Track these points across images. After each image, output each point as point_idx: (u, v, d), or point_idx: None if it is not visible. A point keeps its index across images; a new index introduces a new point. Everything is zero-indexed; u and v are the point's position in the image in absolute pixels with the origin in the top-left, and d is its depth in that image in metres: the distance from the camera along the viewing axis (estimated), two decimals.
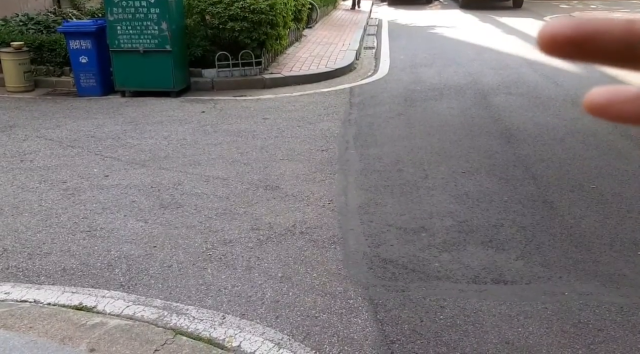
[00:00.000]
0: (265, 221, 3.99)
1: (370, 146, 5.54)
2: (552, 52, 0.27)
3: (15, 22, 9.11)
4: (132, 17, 7.27)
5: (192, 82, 8.01)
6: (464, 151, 5.36)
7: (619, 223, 3.88)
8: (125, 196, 4.44)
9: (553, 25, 0.27)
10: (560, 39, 0.27)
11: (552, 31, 0.27)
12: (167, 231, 3.86)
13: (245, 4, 7.75)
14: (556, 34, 0.27)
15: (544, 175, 4.74)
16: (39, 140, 5.84)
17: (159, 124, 6.36)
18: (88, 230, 3.89)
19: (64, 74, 8.21)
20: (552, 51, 0.27)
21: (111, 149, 5.54)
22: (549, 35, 0.27)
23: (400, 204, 4.24)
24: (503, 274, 3.30)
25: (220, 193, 4.47)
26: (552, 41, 0.27)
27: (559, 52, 0.27)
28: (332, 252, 3.57)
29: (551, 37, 0.27)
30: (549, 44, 0.27)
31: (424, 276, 3.30)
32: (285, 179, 4.74)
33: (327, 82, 8.45)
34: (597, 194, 4.35)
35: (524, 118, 6.36)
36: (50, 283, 3.27)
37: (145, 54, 7.39)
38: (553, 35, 0.27)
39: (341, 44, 11.27)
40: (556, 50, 0.27)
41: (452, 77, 8.52)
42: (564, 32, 0.27)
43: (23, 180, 4.79)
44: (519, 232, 3.78)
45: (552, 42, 0.27)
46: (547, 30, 0.27)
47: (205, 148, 5.52)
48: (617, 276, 3.26)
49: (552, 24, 0.27)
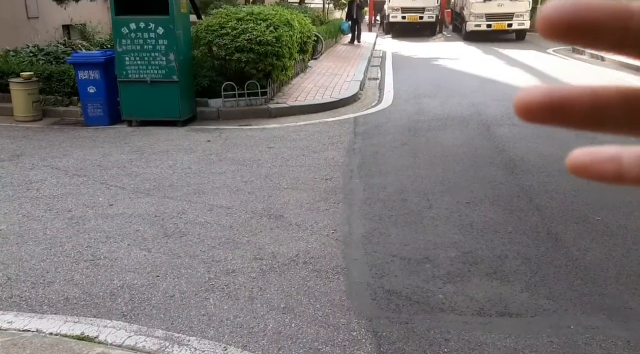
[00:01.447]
0: (268, 250, 3.98)
1: (374, 176, 5.55)
2: (528, 119, 0.29)
3: (25, 53, 9.30)
4: (140, 49, 7.41)
5: (198, 111, 8.10)
6: (468, 181, 5.37)
7: (625, 256, 3.85)
8: (129, 224, 4.45)
9: (526, 93, 0.28)
10: (533, 107, 0.28)
11: (525, 99, 0.28)
12: (170, 260, 3.86)
13: (251, 36, 7.89)
14: (529, 101, 0.28)
15: (549, 206, 4.73)
16: (45, 169, 5.89)
17: (164, 153, 6.41)
18: (92, 259, 3.89)
19: (72, 104, 8.33)
20: (527, 118, 0.29)
21: (117, 178, 5.58)
22: (522, 103, 0.28)
23: (404, 234, 4.23)
24: (508, 307, 3.27)
25: (224, 222, 4.47)
26: (525, 108, 0.28)
27: (533, 118, 0.29)
28: (335, 282, 3.55)
29: (524, 104, 0.28)
30: (523, 111, 0.29)
31: (428, 308, 3.27)
32: (289, 208, 4.75)
33: (332, 112, 8.53)
34: (602, 226, 4.33)
35: (528, 149, 6.38)
36: (52, 312, 3.25)
37: (153, 84, 7.50)
38: (526, 103, 0.28)
39: (346, 74, 11.41)
40: (531, 117, 0.29)
41: (455, 108, 8.59)
42: (536, 99, 0.28)
43: (29, 208, 4.82)
44: (524, 264, 3.75)
45: (526, 109, 0.28)
46: (520, 98, 0.28)
47: (209, 177, 5.55)
48: (624, 310, 3.22)
49: (525, 93, 0.29)
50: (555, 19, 0.26)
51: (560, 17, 0.26)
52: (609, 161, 0.29)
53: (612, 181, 0.29)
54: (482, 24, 19.73)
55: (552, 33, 0.26)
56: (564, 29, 0.26)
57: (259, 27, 8.00)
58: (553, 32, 0.26)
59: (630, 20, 0.26)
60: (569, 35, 0.26)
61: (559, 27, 0.26)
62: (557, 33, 0.26)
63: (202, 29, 8.28)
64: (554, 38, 0.27)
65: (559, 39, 0.27)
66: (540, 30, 0.27)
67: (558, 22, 0.26)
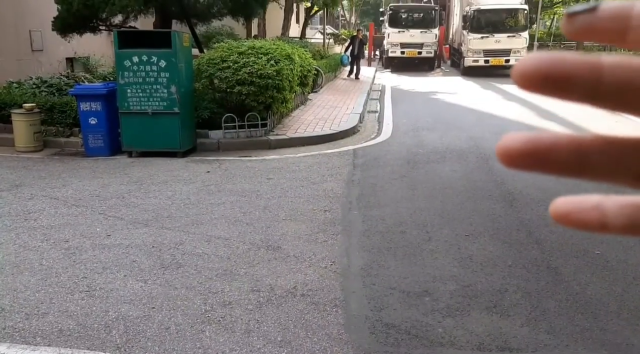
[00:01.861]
0: (266, 282, 3.95)
1: (373, 207, 5.55)
2: (509, 165, 0.29)
3: (28, 84, 9.42)
4: (142, 81, 7.50)
5: (198, 142, 8.15)
6: (467, 214, 5.36)
7: (625, 290, 3.82)
8: (126, 255, 4.42)
9: (507, 140, 0.29)
10: (514, 153, 0.29)
11: (506, 146, 0.29)
12: (167, 291, 3.82)
13: (252, 69, 8.00)
14: (509, 148, 0.29)
15: (548, 240, 4.71)
16: (44, 199, 5.89)
17: (163, 184, 6.41)
18: (87, 290, 3.85)
19: (73, 135, 8.38)
20: (509, 164, 0.29)
21: (115, 208, 5.57)
22: (503, 150, 0.29)
23: (403, 266, 4.20)
24: (508, 342, 3.22)
25: (222, 253, 4.44)
26: (507, 155, 0.29)
27: (514, 164, 0.29)
28: (333, 315, 3.50)
29: (505, 151, 0.29)
30: (505, 158, 0.29)
31: (427, 342, 3.22)
32: (287, 239, 4.72)
33: (331, 144, 8.58)
34: (602, 260, 4.30)
35: (527, 182, 6.39)
36: (46, 344, 3.20)
37: (154, 116, 7.57)
38: (507, 150, 0.29)
39: (345, 107, 11.52)
40: (512, 164, 0.29)
41: (454, 141, 8.64)
42: (516, 147, 0.29)
43: (25, 239, 4.79)
44: (524, 298, 3.71)
45: (507, 156, 0.29)
46: (502, 145, 0.29)
47: (208, 208, 5.54)
48: (625, 346, 3.17)
49: (508, 139, 0.29)
50: (531, 72, 0.27)
51: (535, 70, 0.27)
52: (593, 209, 0.29)
53: (595, 229, 0.29)
54: (479, 59, 20.06)
55: (528, 85, 0.27)
56: (540, 82, 0.27)
57: (260, 60, 8.12)
58: (529, 84, 0.27)
59: (601, 73, 0.27)
60: (544, 88, 0.27)
61: (534, 80, 0.27)
62: (532, 86, 0.27)
63: (204, 62, 8.40)
64: (529, 90, 0.27)
65: (535, 91, 0.27)
66: (516, 82, 0.27)
67: (534, 75, 0.27)
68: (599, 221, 0.29)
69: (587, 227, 0.29)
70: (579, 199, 0.30)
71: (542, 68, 0.27)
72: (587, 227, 0.29)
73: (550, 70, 0.27)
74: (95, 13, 10.70)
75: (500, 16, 20.41)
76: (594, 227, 0.29)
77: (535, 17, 24.60)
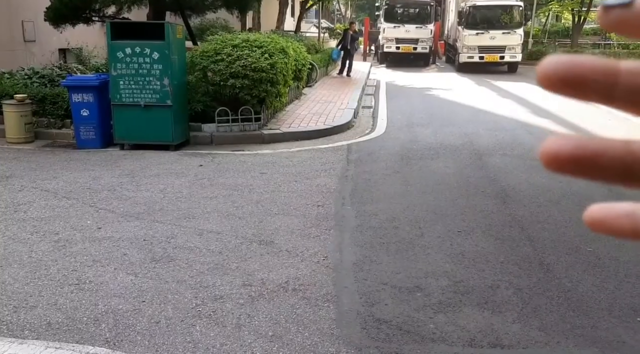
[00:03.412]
0: (257, 276, 3.92)
1: (366, 203, 5.53)
2: (555, 169, 0.29)
3: (20, 75, 9.31)
4: (135, 73, 7.43)
5: (191, 136, 8.09)
6: (459, 210, 5.35)
7: (617, 288, 3.82)
8: (116, 248, 4.38)
9: (555, 144, 0.29)
10: (562, 158, 0.29)
11: (554, 151, 0.29)
12: (157, 285, 3.79)
13: (246, 63, 7.95)
14: (557, 152, 0.29)
15: (540, 237, 4.71)
16: (34, 191, 5.83)
17: (155, 177, 6.37)
18: (77, 283, 3.81)
19: (65, 127, 8.30)
20: (554, 168, 0.29)
21: (106, 201, 5.52)
22: (550, 153, 0.29)
23: (395, 262, 4.19)
24: (500, 338, 3.22)
25: (213, 247, 4.41)
26: (553, 159, 0.29)
27: (561, 169, 0.29)
28: (325, 310, 3.49)
29: (553, 156, 0.29)
30: (551, 162, 0.29)
31: (418, 338, 3.21)
32: (279, 234, 4.70)
33: (325, 139, 8.55)
34: (594, 257, 4.30)
35: (520, 179, 6.39)
36: (34, 338, 3.17)
37: (146, 108, 7.51)
38: (554, 154, 0.29)
39: (340, 102, 11.49)
40: (558, 168, 0.29)
41: (448, 137, 8.64)
42: (565, 151, 0.29)
43: (15, 231, 4.74)
44: (516, 295, 3.71)
45: (554, 160, 0.29)
46: (548, 148, 0.29)
47: (200, 201, 5.51)
48: (617, 343, 3.18)
49: (554, 142, 0.29)
50: (551, 73, 0.28)
51: (555, 71, 0.28)
52: (625, 216, 0.30)
53: (628, 236, 0.30)
54: (474, 55, 20.05)
55: (548, 85, 0.29)
56: (559, 82, 0.28)
57: (254, 54, 8.06)
58: (549, 84, 0.29)
59: (617, 77, 0.28)
60: (563, 87, 0.29)
61: (554, 80, 0.28)
62: (552, 85, 0.29)
63: (197, 55, 8.34)
64: (550, 90, 0.29)
65: (555, 90, 0.29)
66: (538, 82, 0.29)
67: (553, 76, 0.28)
68: (632, 228, 0.30)
69: (621, 234, 0.30)
70: (612, 207, 0.30)
71: (559, 70, 0.28)
72: (621, 234, 0.30)
73: (568, 73, 0.28)
74: (89, 4, 10.58)
75: (496, 13, 20.40)
76: (628, 235, 0.30)
77: (531, 14, 24.62)
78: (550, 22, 31.13)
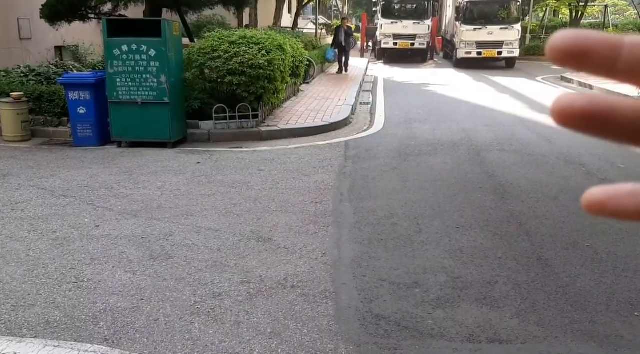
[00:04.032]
0: (256, 273, 3.92)
1: (364, 199, 5.53)
2: (565, 124, 0.30)
3: (16, 73, 9.27)
4: (131, 70, 7.41)
5: (189, 133, 8.08)
6: (458, 206, 5.35)
7: (615, 282, 3.83)
8: (114, 246, 4.38)
9: (567, 98, 0.30)
10: (574, 113, 0.29)
11: (566, 104, 0.29)
12: (156, 283, 3.78)
13: (244, 59, 7.93)
14: (570, 107, 0.29)
15: (538, 232, 4.71)
16: (31, 189, 5.81)
17: (153, 175, 6.36)
18: (75, 281, 3.81)
19: (62, 125, 8.28)
20: (565, 123, 0.30)
21: (104, 199, 5.51)
22: (563, 108, 0.30)
23: (394, 258, 4.19)
24: (498, 333, 3.22)
25: (212, 245, 4.41)
26: (566, 113, 0.29)
27: (571, 124, 0.30)
28: (323, 307, 3.49)
29: (565, 109, 0.29)
30: (562, 116, 0.30)
31: (417, 334, 3.22)
32: (278, 231, 4.70)
33: (323, 135, 8.55)
34: (592, 252, 4.31)
35: (518, 175, 6.39)
36: (32, 336, 3.16)
37: (143, 106, 7.49)
38: (567, 108, 0.29)
39: (337, 99, 11.48)
40: (569, 123, 0.30)
41: (446, 133, 8.63)
42: (577, 106, 0.29)
43: (12, 229, 4.73)
44: (514, 290, 3.72)
45: (566, 115, 0.29)
46: (561, 102, 0.30)
47: (198, 199, 5.50)
48: (614, 338, 3.18)
49: (567, 97, 0.30)
50: (559, 46, 0.30)
51: (562, 45, 0.30)
52: (628, 196, 0.29)
53: (631, 217, 0.29)
54: (472, 51, 20.02)
55: (556, 59, 0.30)
56: (566, 55, 0.30)
57: (251, 50, 8.04)
58: (557, 58, 0.30)
59: (620, 50, 0.29)
60: (570, 60, 0.30)
61: (562, 53, 0.30)
62: (560, 59, 0.30)
63: (194, 52, 8.31)
64: (558, 63, 0.30)
65: (562, 64, 0.30)
66: (547, 55, 0.30)
67: (561, 49, 0.30)
68: (635, 208, 0.29)
69: (624, 215, 0.29)
70: (612, 188, 0.30)
71: (565, 43, 0.29)
72: (624, 215, 0.29)
73: (574, 46, 0.29)
74: (84, 1, 10.55)
75: (493, 8, 20.38)
76: (630, 215, 0.29)
77: (528, 10, 24.60)
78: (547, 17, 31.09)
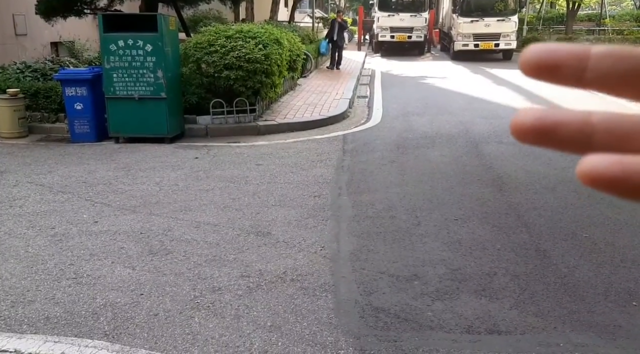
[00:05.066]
0: (255, 267, 3.93)
1: (362, 193, 5.53)
2: (522, 140, 0.32)
3: (12, 69, 9.24)
4: (128, 66, 7.38)
5: (186, 128, 8.06)
6: (456, 198, 5.36)
7: (613, 272, 3.84)
8: (113, 242, 4.38)
9: (521, 115, 0.32)
10: (525, 129, 0.31)
11: (519, 121, 0.31)
12: (155, 278, 3.79)
13: (240, 54, 7.90)
14: (522, 123, 0.31)
15: (537, 223, 4.72)
16: (29, 186, 5.81)
17: (151, 170, 6.35)
18: (74, 277, 3.81)
19: (59, 121, 8.26)
20: (521, 138, 0.32)
21: (102, 194, 5.50)
22: (517, 125, 0.32)
23: (392, 251, 4.20)
24: (497, 324, 3.24)
25: (211, 239, 4.41)
26: (520, 130, 0.31)
27: (526, 139, 0.32)
28: (323, 300, 3.50)
29: (520, 126, 0.31)
30: (518, 133, 0.32)
31: (416, 326, 3.23)
32: (276, 225, 4.70)
33: (321, 129, 8.54)
34: (590, 243, 4.32)
35: (516, 167, 6.40)
36: (32, 332, 3.17)
37: (140, 101, 7.47)
38: (520, 125, 0.31)
39: (335, 92, 11.46)
40: (524, 138, 0.32)
41: (443, 126, 8.63)
42: (528, 122, 0.31)
43: (11, 226, 4.73)
44: (513, 281, 3.73)
45: (521, 131, 0.31)
46: (515, 119, 0.32)
47: (196, 194, 5.50)
48: (613, 327, 3.20)
49: (521, 113, 0.32)
50: (530, 61, 0.32)
51: (532, 59, 0.32)
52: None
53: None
54: (469, 43, 19.98)
55: (528, 72, 0.32)
56: (537, 69, 0.31)
57: (248, 44, 8.02)
58: (529, 71, 0.32)
59: (587, 61, 0.31)
60: (541, 74, 0.32)
61: (533, 67, 0.32)
62: (531, 72, 0.32)
63: (191, 47, 8.29)
64: (530, 76, 0.32)
65: (535, 76, 0.32)
66: (520, 69, 0.32)
67: (532, 63, 0.31)
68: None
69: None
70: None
71: (535, 58, 0.31)
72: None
73: (543, 59, 0.31)
74: None
75: (490, 0, 20.31)
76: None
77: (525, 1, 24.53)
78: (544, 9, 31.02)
